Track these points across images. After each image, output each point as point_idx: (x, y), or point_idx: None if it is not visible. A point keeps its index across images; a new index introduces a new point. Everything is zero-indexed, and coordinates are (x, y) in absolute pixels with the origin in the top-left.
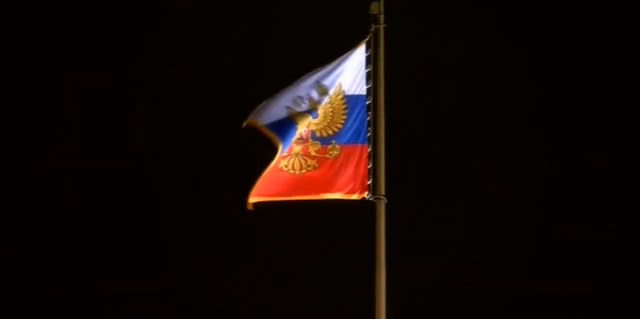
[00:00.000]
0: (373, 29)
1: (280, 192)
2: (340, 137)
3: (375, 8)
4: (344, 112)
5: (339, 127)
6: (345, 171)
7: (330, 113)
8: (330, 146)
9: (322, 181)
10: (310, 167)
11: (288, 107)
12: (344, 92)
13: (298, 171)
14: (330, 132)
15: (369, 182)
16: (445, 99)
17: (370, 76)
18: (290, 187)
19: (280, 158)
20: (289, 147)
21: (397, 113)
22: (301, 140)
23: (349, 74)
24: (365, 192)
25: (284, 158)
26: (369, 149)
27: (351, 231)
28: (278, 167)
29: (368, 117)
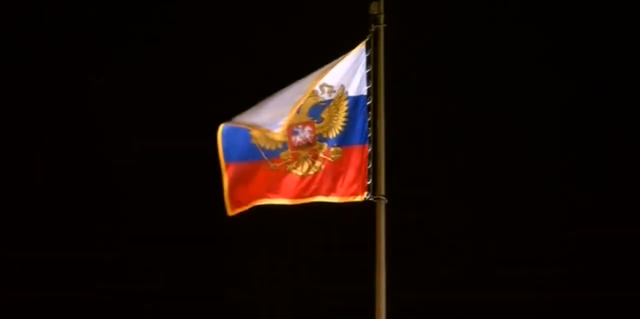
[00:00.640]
0: (373, 29)
1: (288, 194)
2: (343, 140)
3: (375, 8)
4: (346, 114)
5: (341, 130)
6: (347, 173)
7: (335, 115)
8: (333, 149)
9: (326, 184)
10: (317, 169)
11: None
12: (346, 93)
13: (305, 172)
14: (334, 134)
15: (369, 182)
16: (445, 99)
17: (371, 77)
18: (295, 189)
19: (286, 163)
20: (295, 154)
21: (397, 113)
22: (309, 145)
23: (350, 75)
24: (365, 193)
25: (290, 163)
26: (369, 150)
27: (351, 231)
28: (286, 170)
29: (369, 118)
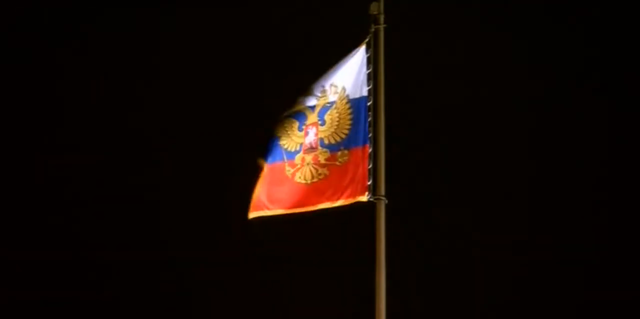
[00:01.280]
0: (373, 30)
1: (294, 204)
2: (348, 143)
3: (375, 8)
4: (350, 117)
5: (346, 133)
6: (352, 174)
7: (337, 119)
8: (339, 153)
9: (334, 189)
10: (322, 176)
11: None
12: (347, 96)
13: (310, 181)
14: (338, 139)
15: (369, 182)
16: (445, 99)
17: (371, 77)
18: (302, 198)
19: (296, 170)
20: (302, 158)
21: (397, 113)
22: (311, 149)
23: (351, 77)
24: (366, 193)
25: (298, 170)
26: (370, 150)
27: (351, 231)
28: (294, 180)
29: (369, 118)
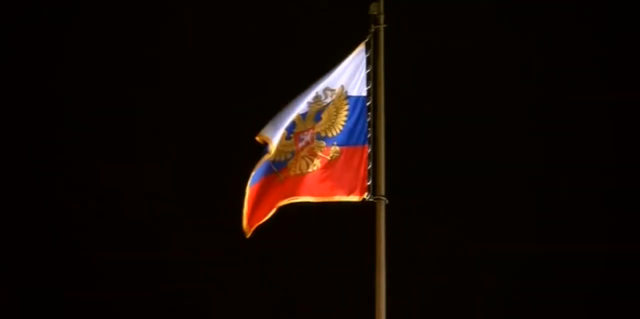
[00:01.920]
0: (373, 30)
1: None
2: (342, 139)
3: (375, 8)
4: (346, 114)
5: (341, 128)
6: (345, 173)
7: (334, 114)
8: (332, 148)
9: (323, 184)
10: (315, 167)
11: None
12: (345, 93)
13: (305, 171)
14: (333, 133)
15: (369, 183)
16: (445, 100)
17: (371, 77)
18: (296, 188)
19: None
20: (297, 157)
21: (397, 113)
22: (307, 143)
23: (350, 76)
24: (365, 193)
25: (292, 166)
26: (369, 150)
27: (351, 231)
28: (290, 176)
29: (369, 119)
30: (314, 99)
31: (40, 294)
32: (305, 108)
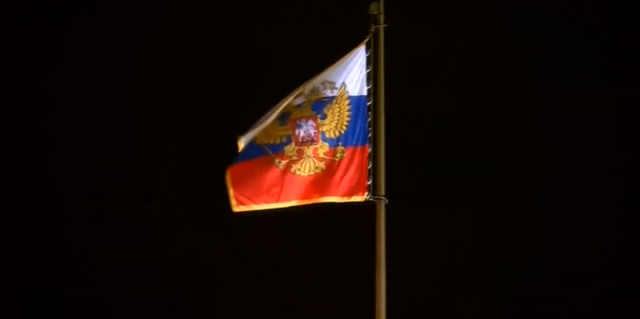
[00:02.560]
0: (373, 30)
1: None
2: (346, 140)
3: (375, 8)
4: (348, 114)
5: (344, 129)
6: (349, 173)
7: (338, 114)
8: (337, 148)
9: (329, 184)
10: (318, 170)
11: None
12: (347, 92)
13: (306, 173)
14: (337, 134)
15: (369, 182)
16: (445, 99)
17: (371, 77)
18: (299, 191)
19: (292, 162)
20: (300, 151)
21: (397, 113)
22: (312, 142)
23: (352, 75)
24: (366, 193)
25: (295, 162)
26: (369, 150)
27: (351, 231)
28: (290, 172)
29: (369, 118)
30: (311, 91)
31: (40, 294)
32: (301, 100)
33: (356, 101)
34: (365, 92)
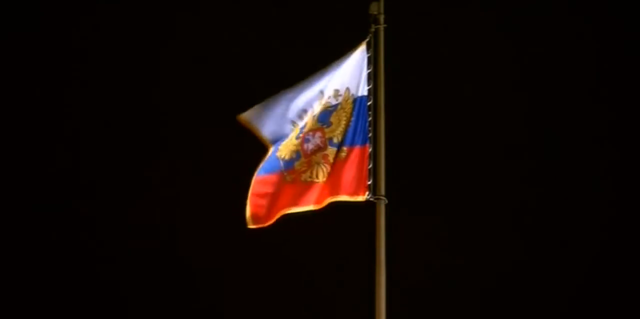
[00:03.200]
0: (373, 30)
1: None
2: (347, 140)
3: (375, 8)
4: (351, 114)
5: (347, 129)
6: (351, 173)
7: (344, 118)
8: (342, 149)
9: (332, 185)
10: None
11: (293, 122)
12: (352, 95)
13: (322, 179)
14: (342, 137)
15: (369, 182)
16: (445, 99)
17: (371, 77)
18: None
19: (301, 173)
20: (309, 161)
21: (397, 113)
22: (320, 149)
23: (354, 76)
24: (366, 193)
25: (303, 172)
26: (370, 150)
27: (351, 231)
28: (301, 180)
29: (369, 118)
30: (320, 98)
31: (40, 294)
32: (317, 108)
33: (358, 101)
34: (365, 92)
